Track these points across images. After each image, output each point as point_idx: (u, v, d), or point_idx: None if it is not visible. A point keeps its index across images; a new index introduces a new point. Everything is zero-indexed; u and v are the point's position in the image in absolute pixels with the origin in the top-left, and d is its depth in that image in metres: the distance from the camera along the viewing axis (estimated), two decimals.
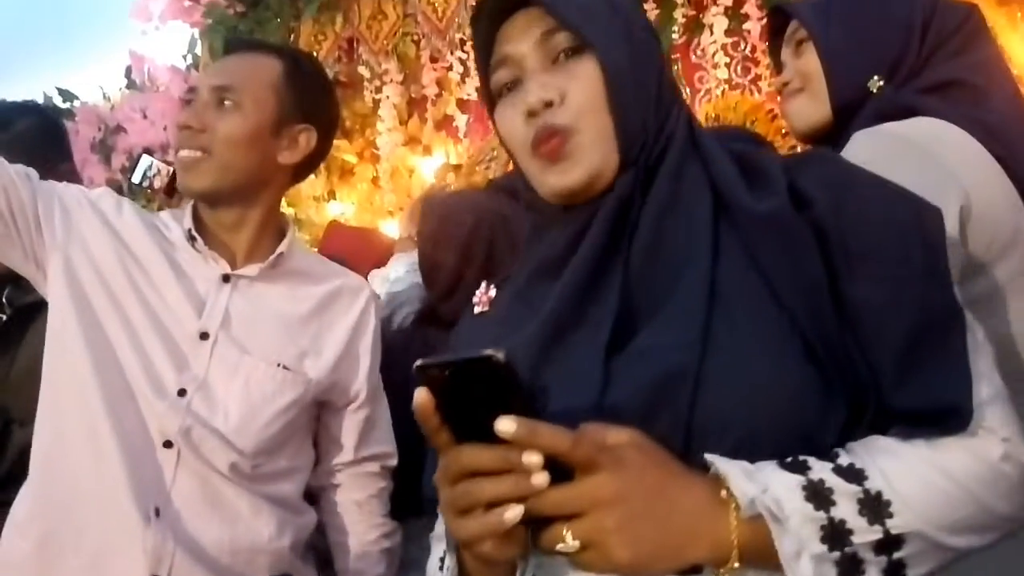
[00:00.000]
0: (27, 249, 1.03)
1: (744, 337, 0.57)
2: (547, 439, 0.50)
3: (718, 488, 0.53)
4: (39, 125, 1.44)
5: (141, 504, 0.97)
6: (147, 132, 3.21)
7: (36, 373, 1.29)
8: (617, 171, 0.64)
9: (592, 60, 0.64)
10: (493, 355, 0.48)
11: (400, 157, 2.56)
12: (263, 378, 1.05)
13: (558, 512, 0.51)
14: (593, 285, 0.63)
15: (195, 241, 1.08)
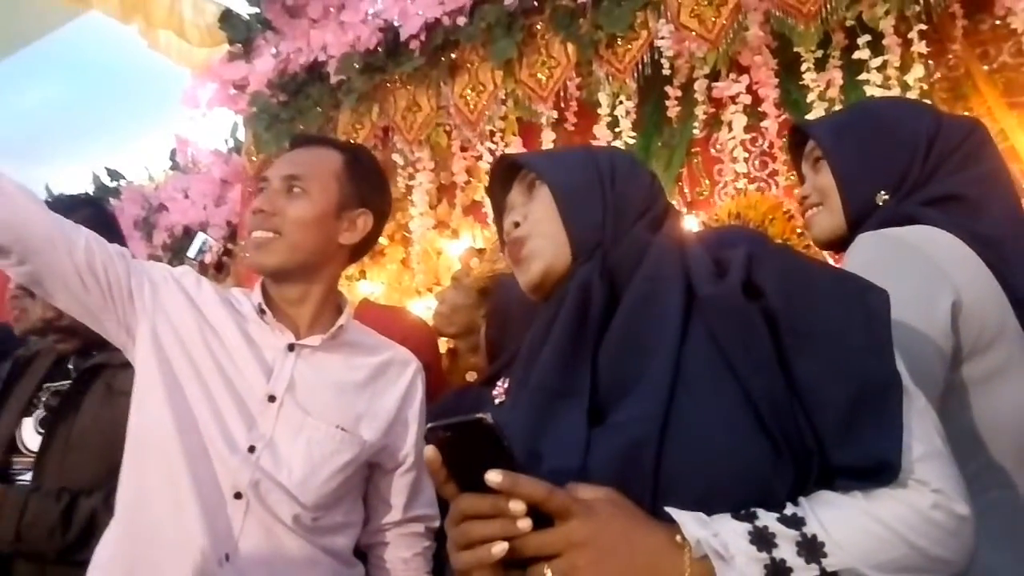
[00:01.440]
0: (120, 318, 1.16)
1: (703, 409, 0.68)
2: (527, 489, 0.61)
3: (675, 533, 0.63)
4: (95, 215, 1.58)
5: (214, 550, 1.06)
6: (188, 211, 3.38)
7: (95, 434, 1.38)
8: (571, 265, 0.81)
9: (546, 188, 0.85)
10: (483, 418, 0.60)
11: (429, 240, 2.68)
12: (323, 438, 1.16)
13: (539, 552, 0.61)
14: (569, 365, 0.76)
15: (264, 314, 1.21)
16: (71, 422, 1.40)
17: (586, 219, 0.82)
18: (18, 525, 1.28)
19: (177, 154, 3.63)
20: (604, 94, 2.33)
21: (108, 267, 1.13)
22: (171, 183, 3.55)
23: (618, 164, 0.87)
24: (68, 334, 1.46)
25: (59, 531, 1.29)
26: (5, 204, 1.06)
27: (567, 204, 0.83)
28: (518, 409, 0.78)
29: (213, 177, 3.44)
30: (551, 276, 0.83)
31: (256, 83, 3.02)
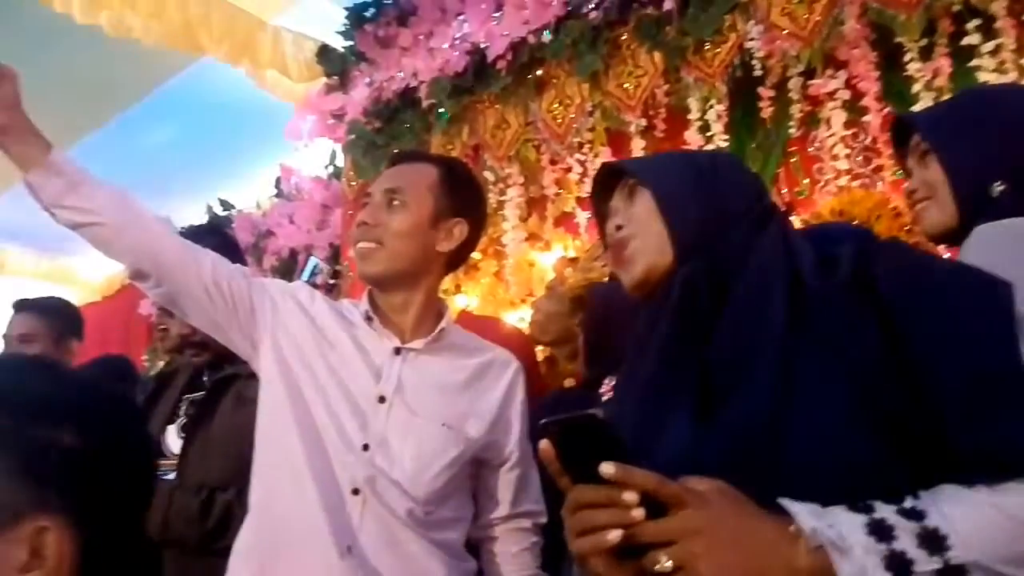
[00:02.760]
0: (244, 331, 1.28)
1: (815, 405, 0.69)
2: (639, 479, 0.63)
3: (789, 524, 0.63)
4: (220, 241, 1.74)
5: (337, 541, 1.15)
6: (294, 236, 3.58)
7: (228, 437, 1.51)
8: (673, 264, 0.84)
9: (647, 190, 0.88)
10: (595, 414, 0.65)
11: (522, 252, 2.74)
12: (431, 436, 1.23)
13: (654, 540, 0.63)
14: (676, 362, 0.79)
15: (371, 321, 1.30)
16: (207, 427, 1.55)
17: (687, 218, 0.85)
18: (165, 516, 1.42)
19: (282, 183, 3.85)
20: (694, 99, 2.33)
21: (232, 285, 1.25)
22: (277, 210, 3.77)
23: (719, 164, 0.90)
24: (201, 348, 1.61)
25: (199, 522, 1.42)
26: (144, 233, 1.19)
27: (667, 204, 0.86)
28: (626, 407, 0.81)
29: (315, 203, 3.63)
30: (654, 275, 0.86)
31: (352, 112, 3.18)
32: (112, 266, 5.52)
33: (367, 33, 3.19)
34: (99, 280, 5.44)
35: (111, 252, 1.20)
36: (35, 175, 1.12)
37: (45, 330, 2.19)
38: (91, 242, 1.18)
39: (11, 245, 5.30)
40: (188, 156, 3.94)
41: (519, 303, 2.76)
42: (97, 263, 5.56)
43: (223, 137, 3.94)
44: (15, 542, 0.60)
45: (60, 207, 1.14)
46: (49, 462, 0.62)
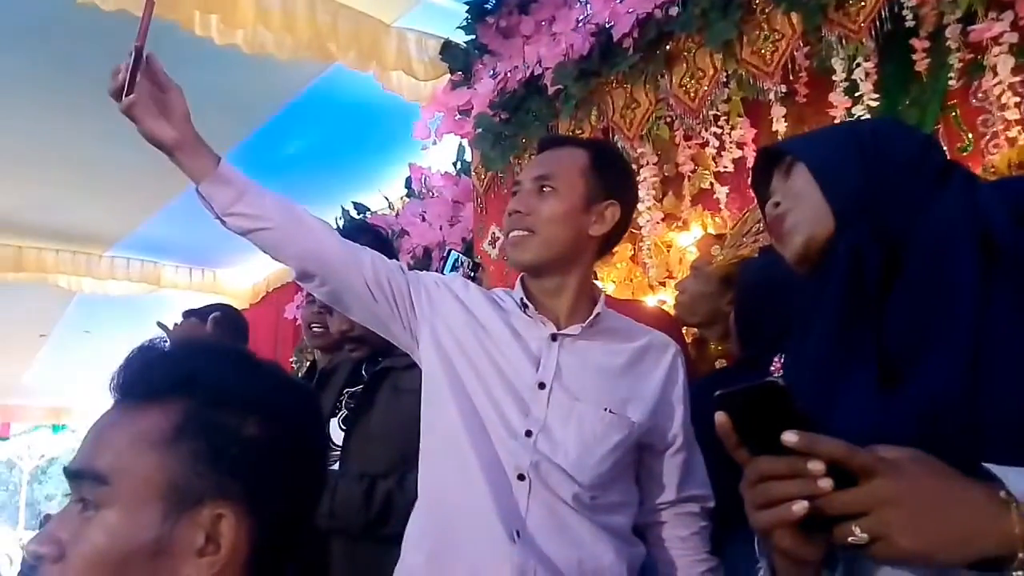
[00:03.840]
0: (404, 323, 1.35)
1: (1014, 369, 0.66)
2: (826, 447, 0.61)
3: (996, 490, 0.60)
4: (374, 238, 1.85)
5: (506, 526, 1.20)
6: (426, 233, 3.72)
7: (387, 427, 1.60)
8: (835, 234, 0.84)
9: (802, 164, 0.89)
10: (774, 382, 0.63)
11: (658, 233, 2.73)
12: (593, 421, 1.26)
13: (845, 511, 0.61)
14: (851, 330, 0.77)
15: (526, 308, 1.34)
16: (367, 418, 1.65)
17: (845, 185, 0.84)
18: (331, 503, 1.51)
19: (412, 182, 4.00)
20: (838, 59, 2.24)
21: (391, 280, 1.33)
22: (409, 209, 3.92)
23: (879, 128, 0.90)
24: (359, 343, 1.72)
25: (363, 509, 1.52)
26: (308, 236, 1.28)
27: (823, 173, 0.86)
28: (800, 381, 0.81)
29: (446, 199, 3.75)
30: (814, 246, 0.86)
31: (479, 105, 3.27)
32: (255, 276, 5.94)
33: (488, 25, 3.26)
34: (246, 289, 5.87)
35: (279, 255, 1.29)
36: (207, 186, 1.21)
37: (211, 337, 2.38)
38: (260, 246, 1.28)
39: (165, 260, 5.81)
40: (322, 164, 4.18)
41: (658, 286, 2.75)
42: (243, 274, 6.01)
43: (354, 142, 4.15)
44: (195, 526, 0.64)
45: (230, 215, 1.23)
46: (232, 450, 0.66)
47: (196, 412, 0.66)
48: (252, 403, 0.68)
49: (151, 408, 0.66)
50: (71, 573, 0.63)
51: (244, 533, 0.66)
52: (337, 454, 1.66)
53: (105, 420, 0.68)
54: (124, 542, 0.63)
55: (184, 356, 0.70)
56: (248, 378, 0.70)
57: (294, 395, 0.73)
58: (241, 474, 0.66)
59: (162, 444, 0.65)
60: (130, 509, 0.63)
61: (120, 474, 0.64)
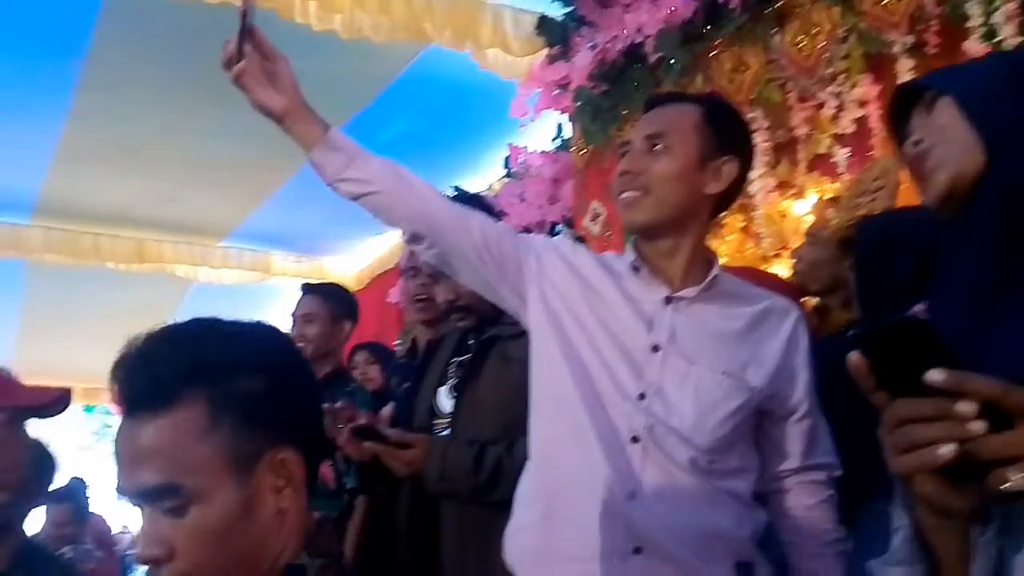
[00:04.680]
0: (512, 286, 1.35)
1: None
2: (978, 386, 0.56)
3: None
4: (483, 207, 1.85)
5: (620, 488, 1.19)
6: (526, 213, 3.73)
7: (495, 395, 1.61)
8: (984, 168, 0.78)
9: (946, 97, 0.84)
10: (915, 317, 0.61)
11: (772, 203, 2.63)
12: (711, 385, 1.23)
13: (1000, 455, 0.56)
14: (1007, 267, 0.72)
15: (638, 270, 1.32)
16: (475, 387, 1.66)
17: (997, 115, 0.78)
18: (441, 469, 1.54)
19: (511, 162, 4.02)
20: (973, 2, 2.08)
21: (500, 242, 1.33)
22: (507, 190, 3.95)
23: None
24: (466, 312, 1.74)
25: (472, 474, 1.53)
26: (418, 198, 1.31)
27: (971, 103, 0.80)
28: (947, 324, 0.75)
29: (545, 178, 3.75)
30: (961, 183, 0.80)
31: (577, 79, 3.24)
32: (360, 263, 6.14)
33: None
34: (351, 275, 6.07)
35: (390, 219, 1.32)
36: (317, 153, 1.25)
37: (324, 312, 2.52)
38: (371, 211, 1.31)
39: (274, 249, 6.09)
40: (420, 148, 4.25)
41: (772, 258, 2.65)
42: (347, 261, 6.22)
43: (452, 125, 4.20)
44: (265, 472, 0.75)
45: (341, 180, 1.27)
46: (260, 408, 0.75)
47: (217, 394, 0.74)
48: (253, 364, 0.77)
49: (176, 409, 0.73)
50: (186, 561, 0.72)
51: (300, 464, 0.78)
52: (447, 422, 1.69)
53: (132, 435, 0.74)
54: (219, 519, 0.72)
55: (180, 349, 0.75)
56: (239, 344, 0.79)
57: (272, 341, 0.83)
58: (276, 422, 0.77)
59: (204, 433, 0.73)
60: (211, 495, 0.72)
61: (186, 477, 0.72)
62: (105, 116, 4.06)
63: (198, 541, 0.72)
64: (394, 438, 1.56)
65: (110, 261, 5.50)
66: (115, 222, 5.38)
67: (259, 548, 0.75)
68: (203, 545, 0.72)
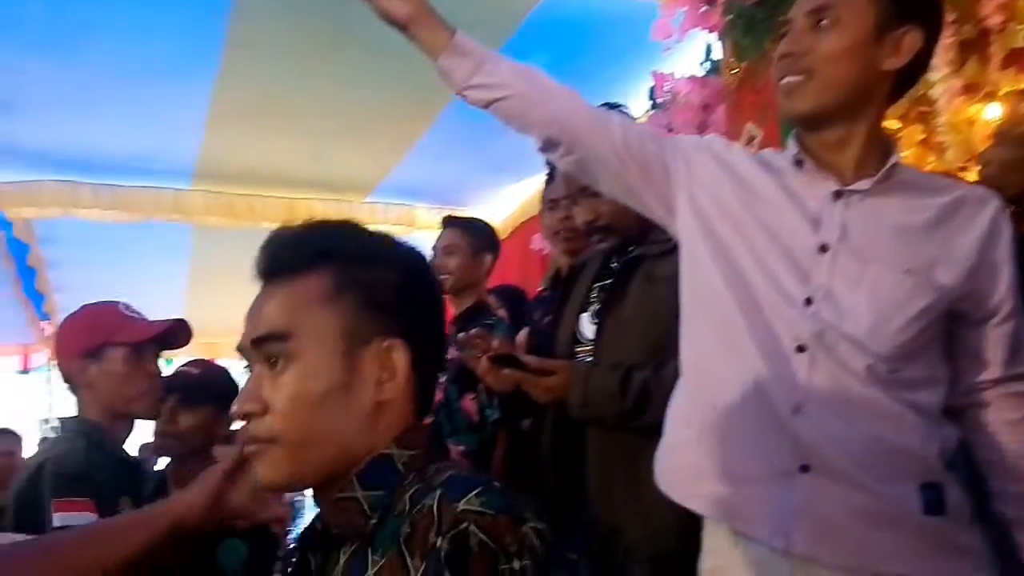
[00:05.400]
0: (658, 193, 1.32)
1: None
2: None
3: None
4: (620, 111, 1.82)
5: (784, 401, 1.15)
6: None
7: (640, 317, 1.61)
8: None
9: None
10: None
11: (957, 108, 2.39)
12: (890, 285, 1.15)
13: None
14: None
15: (802, 164, 1.24)
16: (618, 310, 1.65)
17: None
18: (584, 394, 1.55)
19: (656, 92, 3.91)
20: None
21: (643, 144, 1.30)
22: (654, 121, 3.84)
23: None
24: (607, 232, 1.72)
25: (618, 398, 1.53)
26: (552, 101, 1.29)
27: None
28: None
29: (693, 104, 3.62)
30: None
31: None
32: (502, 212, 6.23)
33: None
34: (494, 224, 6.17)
35: (523, 124, 1.31)
36: (445, 59, 1.26)
37: (465, 244, 2.61)
38: (502, 117, 1.31)
39: (418, 202, 6.29)
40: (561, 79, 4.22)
41: (958, 171, 2.42)
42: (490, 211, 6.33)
43: (591, 57, 4.13)
44: (371, 360, 0.80)
45: (470, 87, 1.28)
46: (383, 295, 0.82)
47: (344, 273, 0.81)
48: (383, 257, 0.84)
49: (304, 277, 0.81)
50: (279, 419, 0.77)
51: (407, 359, 0.81)
52: (590, 349, 1.69)
53: (264, 297, 0.82)
54: (317, 383, 0.78)
55: (317, 234, 0.84)
56: (373, 239, 0.87)
57: (403, 247, 0.88)
58: (395, 313, 0.82)
59: (326, 300, 0.80)
60: (316, 354, 0.78)
61: (299, 328, 0.78)
62: (252, 74, 4.32)
63: (292, 404, 0.77)
64: (533, 365, 1.58)
65: (264, 221, 5.89)
66: (267, 183, 5.75)
67: (349, 435, 0.79)
68: (295, 410, 0.77)
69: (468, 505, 0.69)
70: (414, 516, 0.73)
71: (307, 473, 0.79)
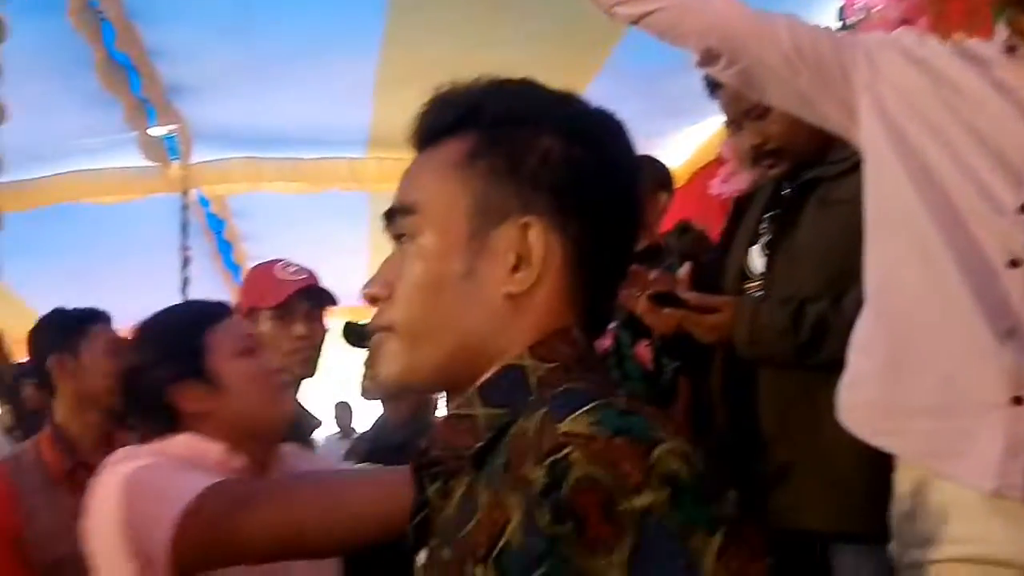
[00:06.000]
0: (837, 98, 1.24)
1: None
2: None
3: None
4: None
5: (991, 324, 1.06)
6: None
7: (815, 245, 1.53)
8: None
9: None
10: None
11: None
12: None
13: None
14: None
15: (1014, 51, 1.13)
16: (792, 238, 1.58)
17: None
18: (751, 331, 1.49)
19: (845, 11, 3.65)
20: None
21: (816, 45, 1.22)
22: None
23: None
24: (776, 157, 1.64)
25: (790, 334, 1.45)
26: (707, 7, 1.24)
27: None
28: None
29: (889, 19, 3.33)
30: None
31: None
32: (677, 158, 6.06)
33: None
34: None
35: (676, 36, 1.27)
36: None
37: None
38: (655, 31, 1.27)
39: None
40: None
41: None
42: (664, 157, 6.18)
43: None
44: (504, 240, 0.69)
45: (619, 4, 1.26)
46: (529, 162, 0.69)
47: (488, 134, 0.71)
48: (544, 119, 0.72)
49: (444, 144, 0.73)
50: (398, 303, 0.72)
51: (554, 245, 0.69)
52: (759, 284, 1.62)
53: (408, 168, 0.76)
54: (438, 262, 0.70)
55: (467, 93, 0.74)
56: (537, 100, 0.74)
57: (591, 114, 0.75)
58: (543, 184, 0.70)
59: (459, 166, 0.71)
60: (439, 229, 0.71)
61: (426, 202, 0.72)
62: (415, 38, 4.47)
63: (409, 288, 0.71)
64: (695, 301, 1.53)
65: None
66: None
67: (472, 330, 0.70)
68: (412, 294, 0.71)
69: (572, 426, 0.55)
70: (514, 441, 0.61)
71: (424, 369, 0.71)
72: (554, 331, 0.69)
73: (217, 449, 1.20)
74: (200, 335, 1.24)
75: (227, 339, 1.25)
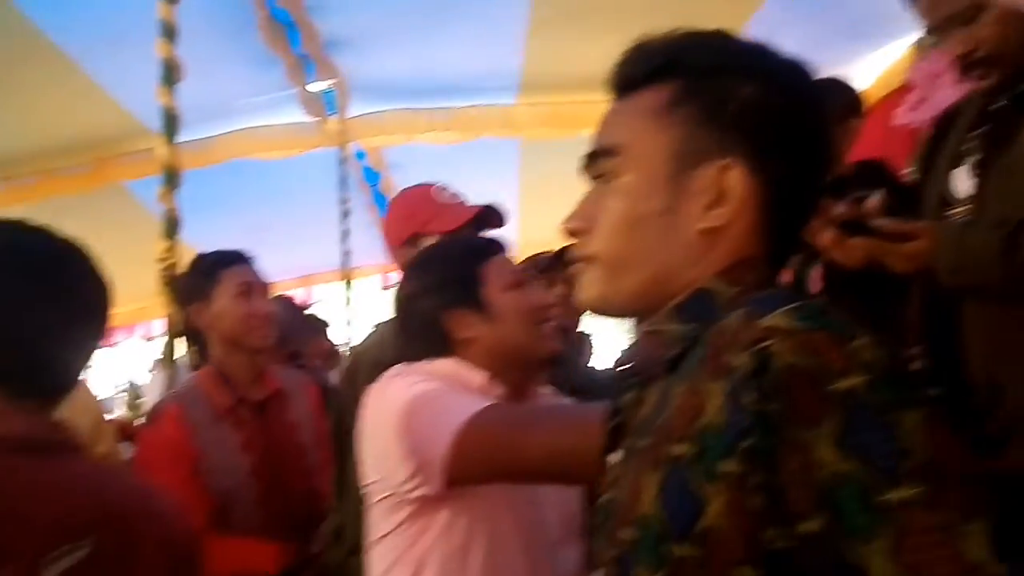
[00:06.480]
0: None
1: None
2: None
3: None
4: None
5: None
6: None
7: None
8: None
9: None
10: None
11: None
12: None
13: None
14: None
15: None
16: (1007, 156, 1.47)
17: None
18: (957, 257, 1.37)
19: None
20: None
21: None
22: None
23: None
24: (987, 66, 1.50)
25: (1000, 259, 1.33)
26: None
27: None
28: None
29: None
30: None
31: None
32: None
33: None
34: None
35: None
36: None
37: None
38: None
39: None
40: None
41: None
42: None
43: None
44: (702, 180, 0.76)
45: None
46: (729, 107, 0.76)
47: (687, 84, 0.79)
48: (741, 68, 0.78)
49: (646, 91, 0.80)
50: (597, 236, 0.80)
51: (753, 186, 0.76)
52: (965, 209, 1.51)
53: (607, 114, 0.84)
54: (639, 200, 0.78)
55: (665, 45, 0.81)
56: (732, 51, 0.81)
57: (784, 62, 0.80)
58: (742, 129, 0.76)
59: (660, 113, 0.79)
60: (641, 170, 0.78)
61: (627, 145, 0.79)
62: None
63: (610, 223, 0.79)
64: (889, 228, 1.41)
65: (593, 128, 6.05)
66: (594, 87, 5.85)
67: (668, 262, 0.77)
68: (613, 229, 0.79)
69: (774, 321, 0.63)
70: (713, 339, 0.69)
71: (621, 296, 0.80)
72: (742, 259, 0.77)
73: (480, 375, 1.33)
74: (476, 266, 1.38)
75: (500, 272, 1.39)
